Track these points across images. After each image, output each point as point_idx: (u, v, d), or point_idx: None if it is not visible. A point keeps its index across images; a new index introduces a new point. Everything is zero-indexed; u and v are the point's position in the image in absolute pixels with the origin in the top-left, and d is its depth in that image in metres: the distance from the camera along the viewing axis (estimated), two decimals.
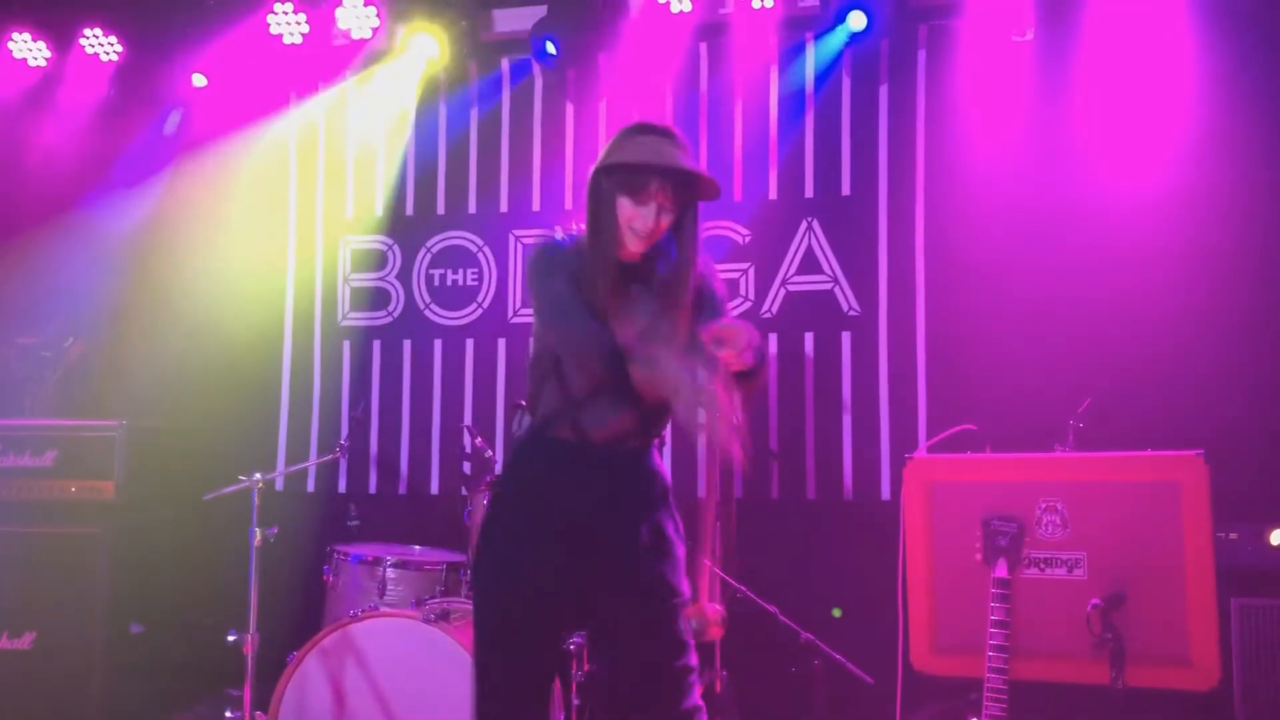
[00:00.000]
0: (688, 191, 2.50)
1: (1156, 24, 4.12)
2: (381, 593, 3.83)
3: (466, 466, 4.35)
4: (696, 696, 2.48)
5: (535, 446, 2.57)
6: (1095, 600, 3.19)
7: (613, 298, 2.44)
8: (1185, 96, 4.09)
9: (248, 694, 3.68)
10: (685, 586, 2.54)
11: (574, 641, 3.45)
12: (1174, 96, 4.10)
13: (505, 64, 4.87)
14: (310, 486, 4.90)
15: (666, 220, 2.48)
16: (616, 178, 2.47)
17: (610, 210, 2.48)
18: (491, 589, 2.53)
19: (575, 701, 3.47)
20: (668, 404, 2.39)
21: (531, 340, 2.63)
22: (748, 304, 4.52)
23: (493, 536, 2.56)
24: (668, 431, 3.59)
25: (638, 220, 2.46)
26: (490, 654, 2.50)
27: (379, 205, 4.97)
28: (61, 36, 4.93)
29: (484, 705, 2.50)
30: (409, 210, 4.95)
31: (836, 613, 3.72)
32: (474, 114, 4.89)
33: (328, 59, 4.89)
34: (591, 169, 2.52)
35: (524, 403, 2.64)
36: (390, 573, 3.86)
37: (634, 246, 2.49)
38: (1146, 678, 3.17)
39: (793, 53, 4.57)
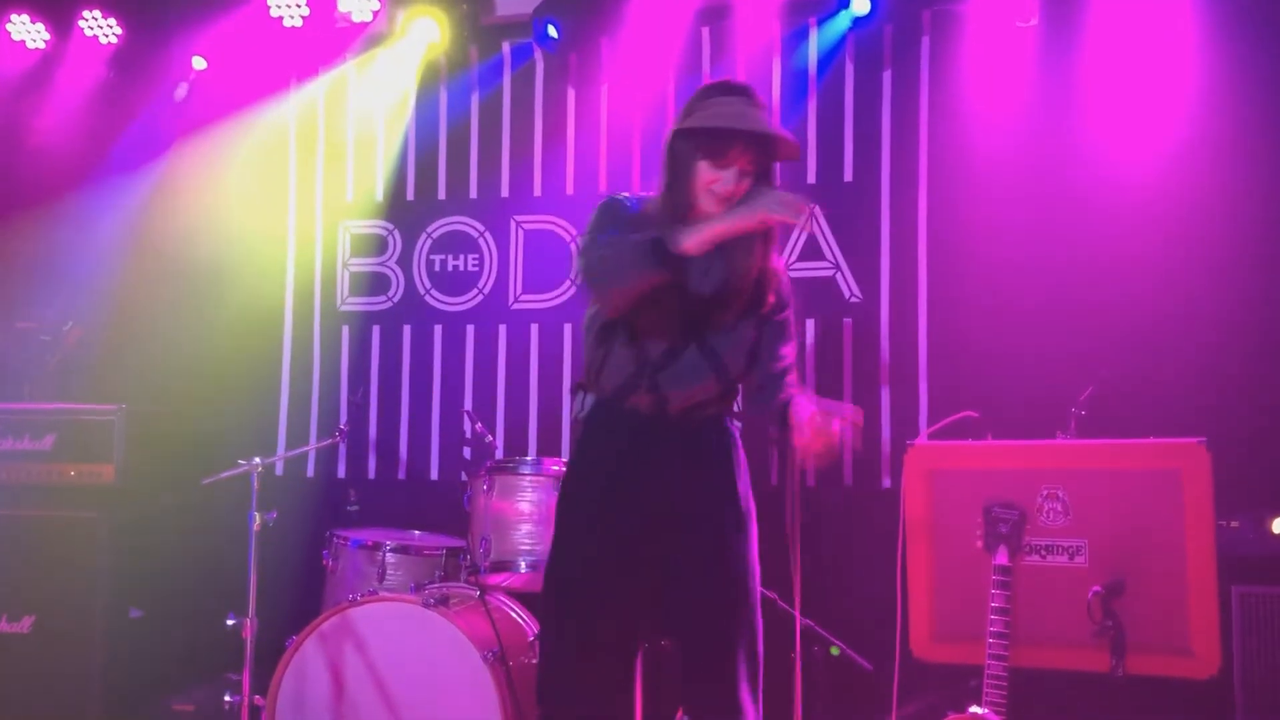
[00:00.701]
0: (766, 152, 2.46)
1: (1161, 9, 4.10)
2: (381, 578, 3.83)
3: (467, 452, 4.34)
4: (746, 688, 2.47)
5: (608, 421, 2.52)
6: (1096, 588, 3.18)
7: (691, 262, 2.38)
8: (1189, 83, 4.06)
9: (246, 678, 3.68)
10: (756, 568, 2.54)
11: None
12: (1178, 83, 4.08)
13: (506, 48, 4.84)
14: (310, 471, 4.90)
15: (746, 184, 2.44)
16: (695, 141, 2.42)
17: (687, 173, 2.43)
18: (571, 580, 2.49)
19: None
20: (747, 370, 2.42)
21: (588, 310, 2.58)
22: None
23: (570, 524, 2.53)
24: None
25: (718, 184, 2.42)
26: (566, 654, 2.46)
27: (379, 190, 4.95)
28: (60, 19, 4.91)
29: (559, 691, 2.46)
30: (409, 195, 4.93)
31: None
32: (475, 98, 4.86)
33: (328, 42, 4.87)
34: (669, 131, 2.47)
35: (584, 380, 2.59)
36: (390, 558, 3.86)
37: (711, 207, 2.43)
38: (1147, 665, 3.16)
39: (796, 38, 4.54)
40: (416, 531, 4.18)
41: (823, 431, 2.32)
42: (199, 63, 4.86)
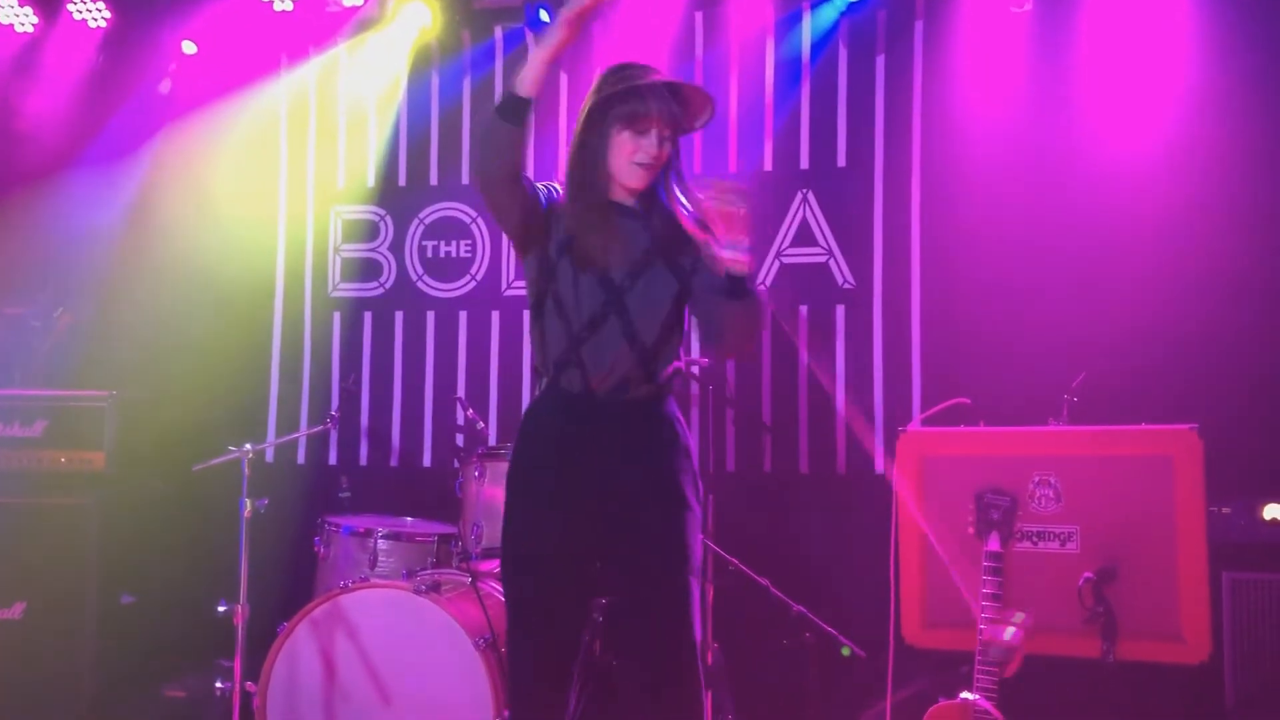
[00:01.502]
0: (679, 120, 2.47)
1: None
2: (373, 564, 3.82)
3: (459, 439, 4.34)
4: (683, 666, 2.40)
5: (543, 403, 2.53)
6: (1087, 574, 3.19)
7: (607, 236, 2.41)
8: (1184, 68, 4.06)
9: (238, 665, 3.68)
10: (695, 553, 2.47)
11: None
12: (1173, 68, 4.07)
13: (498, 32, 4.81)
14: (301, 458, 4.89)
15: (668, 149, 2.44)
16: (615, 111, 2.42)
17: (604, 149, 2.43)
18: (512, 560, 2.50)
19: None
20: (666, 343, 2.42)
21: (527, 290, 2.57)
22: None
23: (511, 504, 2.54)
24: None
25: (640, 153, 2.42)
26: (521, 637, 2.47)
27: (371, 175, 4.93)
28: (49, 2, 4.87)
29: (518, 675, 2.47)
30: (401, 181, 4.91)
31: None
32: (467, 83, 4.84)
33: (319, 26, 4.84)
34: (583, 110, 2.47)
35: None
36: (381, 544, 3.85)
37: (637, 182, 2.45)
38: (1137, 651, 3.17)
39: (789, 22, 4.52)
40: (408, 518, 4.17)
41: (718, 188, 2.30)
42: (189, 47, 4.83)
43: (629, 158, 2.43)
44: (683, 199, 2.52)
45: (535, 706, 2.45)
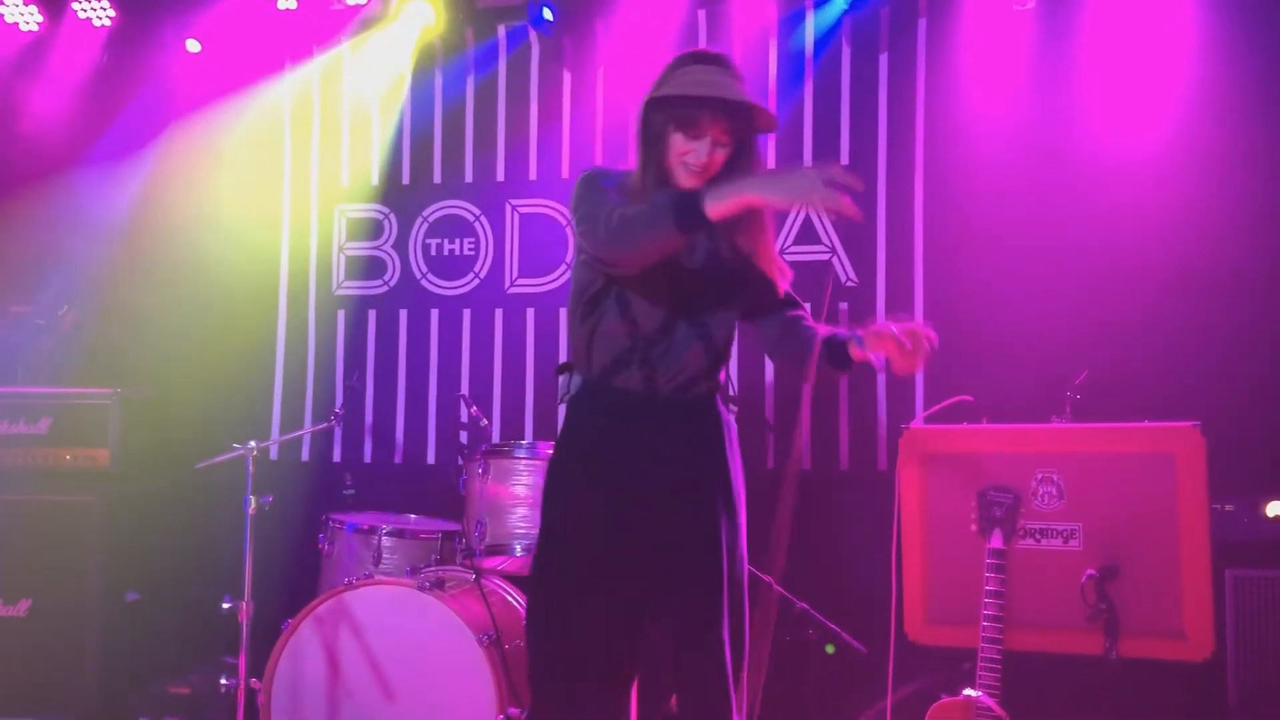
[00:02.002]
0: (745, 123, 2.39)
1: None
2: (377, 561, 3.83)
3: (463, 436, 4.34)
4: (726, 675, 2.36)
5: (596, 400, 2.43)
6: (1090, 571, 3.19)
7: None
8: (1187, 65, 4.05)
9: (242, 661, 3.69)
10: (745, 551, 2.48)
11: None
12: (1176, 66, 4.07)
13: (502, 31, 4.82)
14: (305, 456, 4.89)
15: (721, 155, 2.38)
16: (667, 111, 2.36)
17: (662, 145, 2.37)
18: (559, 570, 2.40)
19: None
20: (731, 343, 2.39)
21: (573, 285, 2.50)
22: None
23: (560, 510, 2.44)
24: None
25: (690, 155, 2.36)
26: (559, 644, 2.38)
27: (375, 174, 4.94)
28: (54, 1, 4.88)
29: (546, 676, 2.40)
30: (405, 179, 4.92)
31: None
32: (470, 82, 4.85)
33: (322, 25, 4.84)
34: (642, 101, 2.41)
35: (570, 361, 2.52)
36: (385, 541, 3.86)
37: (687, 182, 2.38)
38: (1140, 648, 3.18)
39: (792, 20, 4.52)
40: (412, 515, 4.18)
41: (891, 337, 2.30)
42: (193, 45, 4.83)
43: (680, 158, 2.38)
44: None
45: (561, 706, 2.39)
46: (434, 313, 4.84)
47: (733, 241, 2.45)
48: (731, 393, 4.32)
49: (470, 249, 4.83)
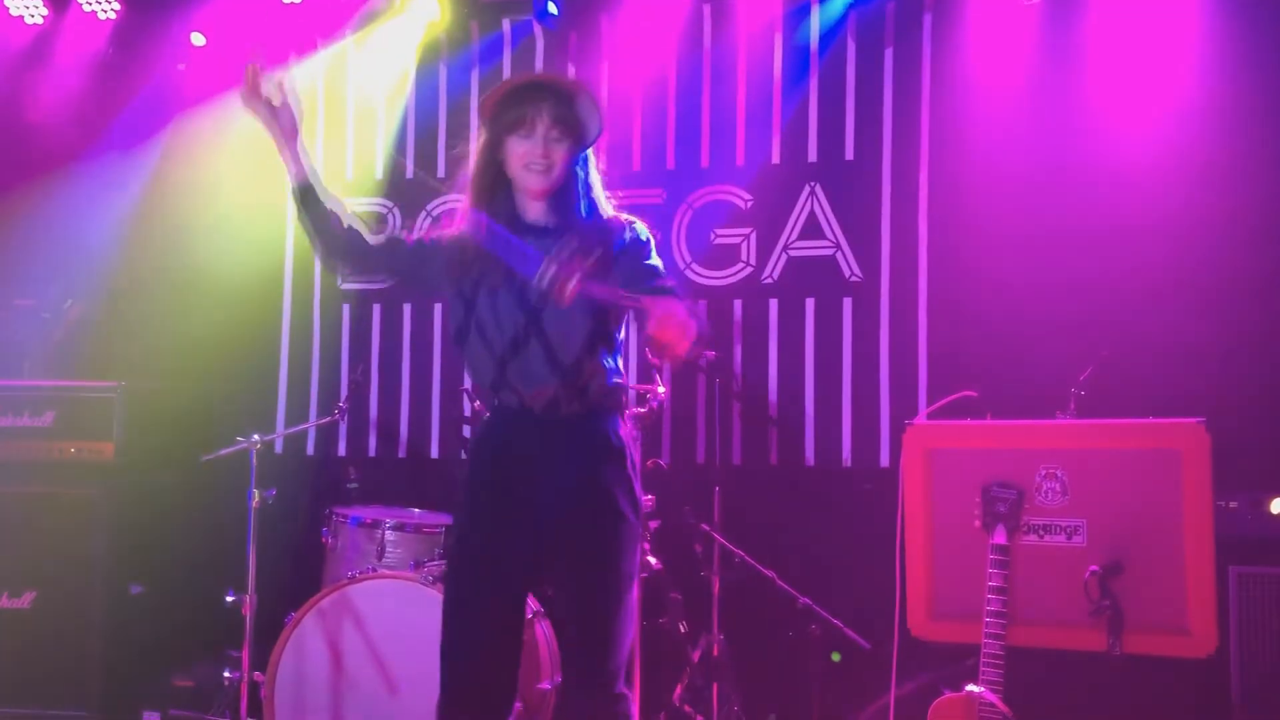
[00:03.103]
0: (574, 130, 2.47)
1: None
2: (380, 555, 3.83)
3: (466, 430, 4.34)
4: (609, 679, 2.46)
5: (489, 418, 2.60)
6: (1094, 567, 3.19)
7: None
8: (1192, 60, 4.04)
9: (246, 654, 3.70)
10: (628, 561, 2.50)
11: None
12: (1181, 61, 4.05)
13: (507, 25, 4.81)
14: (309, 449, 4.90)
15: (559, 150, 2.45)
16: (500, 123, 2.47)
17: (502, 157, 2.48)
18: (454, 561, 2.58)
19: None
20: (591, 359, 2.44)
21: (451, 320, 2.62)
22: (749, 269, 4.50)
23: (457, 514, 2.62)
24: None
25: (529, 154, 2.44)
26: (454, 630, 2.51)
27: (379, 168, 4.94)
28: None
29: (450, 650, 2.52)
30: (409, 173, 4.92)
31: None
32: (475, 76, 4.84)
33: (327, 18, 4.84)
34: (480, 134, 2.54)
35: (467, 387, 2.68)
36: (389, 535, 3.86)
37: (537, 184, 2.47)
38: (1144, 645, 3.17)
39: (797, 15, 4.51)
40: (416, 509, 4.19)
41: (670, 320, 2.18)
42: (198, 39, 4.84)
43: (520, 162, 2.45)
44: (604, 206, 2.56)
45: (458, 676, 2.50)
46: (437, 307, 4.84)
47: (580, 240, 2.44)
48: (735, 388, 4.36)
49: None
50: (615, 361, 2.56)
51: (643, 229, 2.57)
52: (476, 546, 2.51)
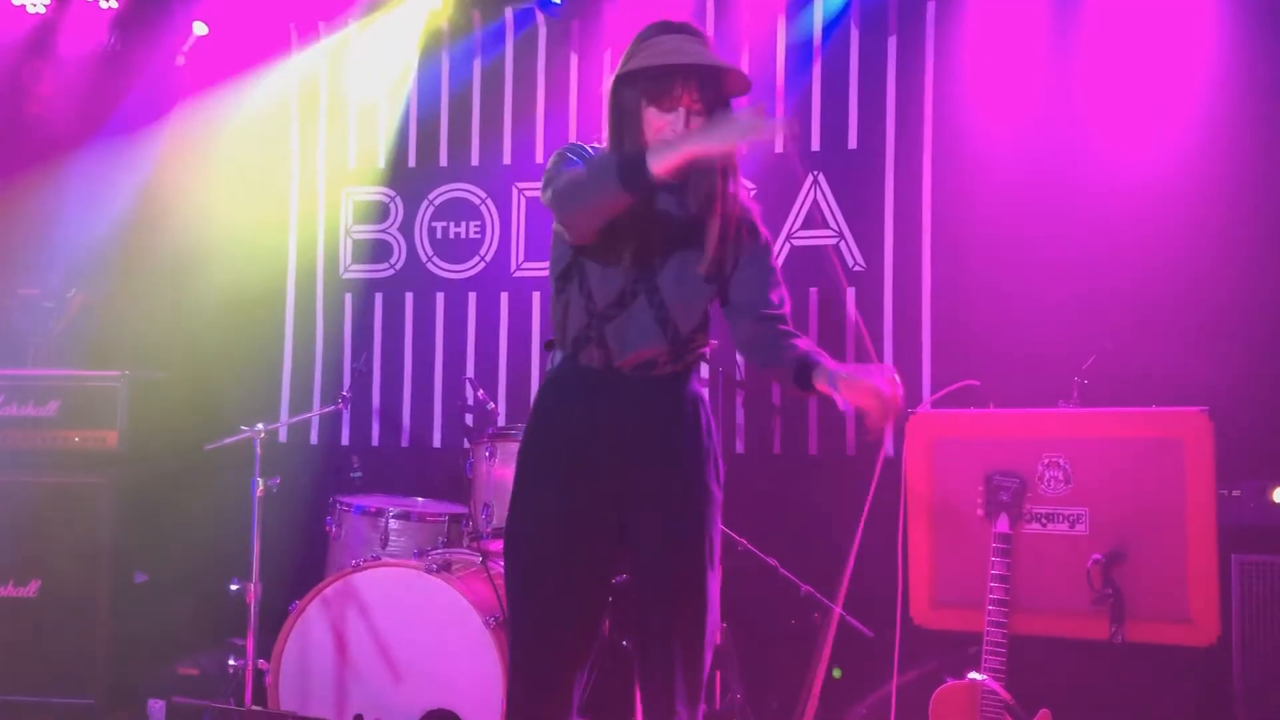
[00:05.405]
0: (717, 91, 2.32)
1: None
2: (384, 544, 3.84)
3: (469, 419, 4.35)
4: (681, 685, 2.32)
5: (562, 378, 2.42)
6: (1096, 556, 3.20)
7: (643, 210, 2.25)
8: (1199, 51, 4.03)
9: (250, 643, 3.70)
10: (714, 534, 2.38)
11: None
12: (1186, 52, 4.04)
13: (509, 13, 4.80)
14: (313, 438, 4.91)
15: (698, 125, 2.29)
16: (639, 86, 2.30)
17: (635, 123, 2.30)
18: (520, 537, 2.40)
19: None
20: (701, 330, 2.33)
21: (550, 260, 2.46)
22: None
23: (521, 479, 2.44)
24: None
25: (666, 129, 2.28)
26: (524, 619, 2.37)
27: (381, 156, 4.93)
28: None
29: (519, 656, 2.39)
30: (411, 162, 4.91)
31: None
32: (477, 64, 4.83)
33: (329, 7, 4.84)
34: (609, 80, 2.35)
35: (553, 339, 2.49)
36: (392, 524, 3.88)
37: None
38: (1146, 633, 3.18)
39: (800, 3, 4.50)
40: (419, 498, 4.20)
41: (872, 392, 2.17)
42: (200, 27, 4.83)
43: (657, 133, 2.30)
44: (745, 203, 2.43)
45: (536, 687, 2.37)
46: (440, 296, 4.85)
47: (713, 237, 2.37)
48: (739, 377, 4.36)
49: (476, 232, 4.83)
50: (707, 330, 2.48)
51: (759, 220, 2.49)
52: (554, 519, 2.35)
